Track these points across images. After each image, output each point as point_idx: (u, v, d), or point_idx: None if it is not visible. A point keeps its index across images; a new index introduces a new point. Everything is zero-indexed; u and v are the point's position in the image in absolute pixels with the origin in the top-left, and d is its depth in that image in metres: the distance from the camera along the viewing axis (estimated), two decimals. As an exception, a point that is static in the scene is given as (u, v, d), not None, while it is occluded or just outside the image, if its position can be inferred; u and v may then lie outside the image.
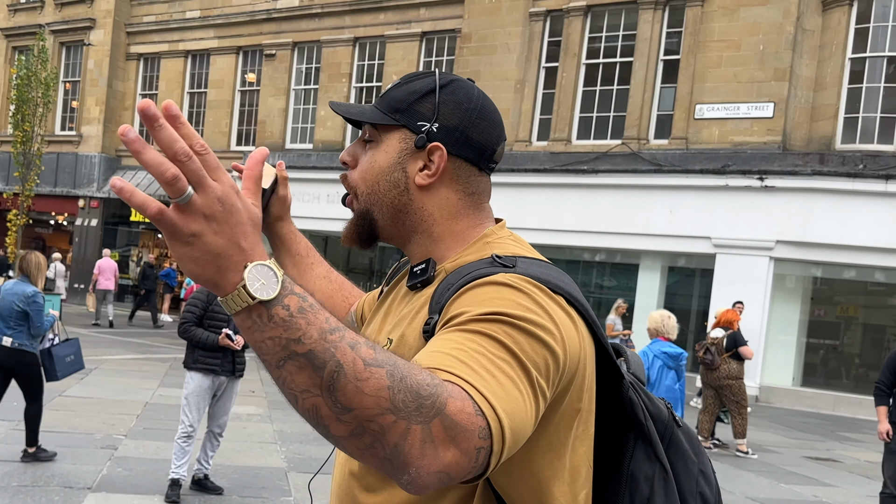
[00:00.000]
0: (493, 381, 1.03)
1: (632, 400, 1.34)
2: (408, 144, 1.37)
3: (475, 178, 1.39)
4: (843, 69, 15.74)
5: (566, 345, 1.15)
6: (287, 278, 0.97)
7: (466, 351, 1.06)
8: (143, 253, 26.30)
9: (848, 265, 15.79)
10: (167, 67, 25.52)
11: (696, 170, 16.31)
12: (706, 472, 1.43)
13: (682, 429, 1.42)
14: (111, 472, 6.85)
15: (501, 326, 1.10)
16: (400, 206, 1.38)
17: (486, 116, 1.38)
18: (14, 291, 6.81)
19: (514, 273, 1.21)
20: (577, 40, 18.14)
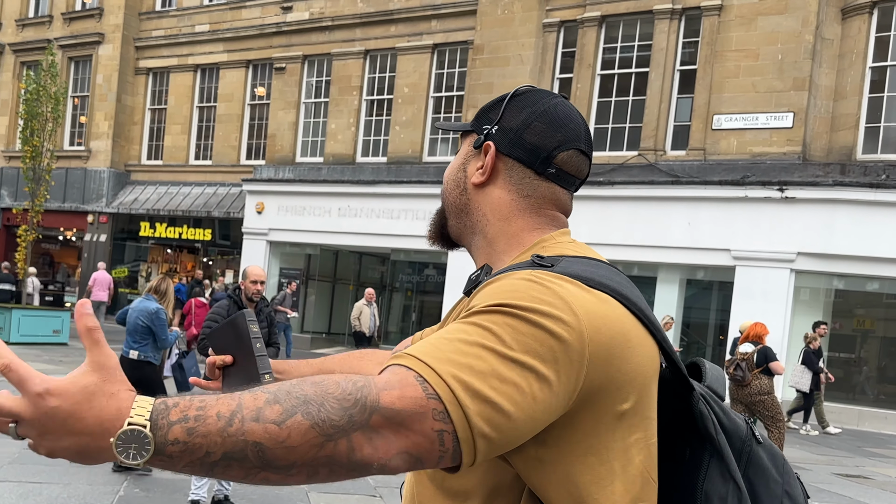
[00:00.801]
0: (465, 368, 1.03)
1: (701, 413, 1.27)
2: (471, 147, 1.41)
3: (531, 181, 1.36)
4: (864, 78, 15.51)
5: (586, 336, 1.10)
6: (156, 414, 0.93)
7: (450, 340, 1.07)
8: (152, 269, 26.13)
9: (871, 277, 15.51)
10: (176, 82, 25.42)
11: (715, 181, 16.07)
12: (793, 494, 1.32)
13: (763, 446, 1.33)
14: (128, 493, 6.66)
15: (500, 317, 1.09)
16: (461, 206, 1.41)
17: (549, 120, 1.36)
18: (139, 309, 7.39)
19: (549, 271, 1.18)
20: (591, 51, 17.95)
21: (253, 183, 22.19)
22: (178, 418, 0.94)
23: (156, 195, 25.15)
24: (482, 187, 1.37)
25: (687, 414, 1.28)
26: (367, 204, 20.37)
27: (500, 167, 1.36)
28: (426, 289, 21.37)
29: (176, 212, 24.32)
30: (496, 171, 1.36)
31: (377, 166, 20.76)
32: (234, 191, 23.41)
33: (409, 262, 21.42)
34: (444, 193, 1.45)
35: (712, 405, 1.29)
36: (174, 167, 25.26)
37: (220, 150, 24.33)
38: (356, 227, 20.55)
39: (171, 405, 0.95)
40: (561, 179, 1.37)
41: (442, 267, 19.96)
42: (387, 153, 20.96)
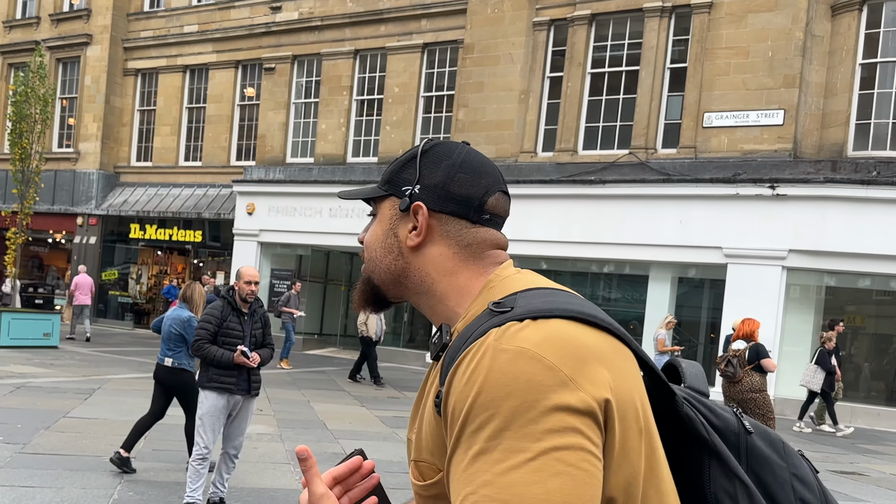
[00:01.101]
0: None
1: (689, 416, 1.25)
2: (396, 210, 1.38)
3: (468, 231, 1.34)
4: (854, 75, 15.55)
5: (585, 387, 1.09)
6: None
7: (473, 491, 1.07)
8: (142, 271, 26.01)
9: (862, 274, 15.54)
10: (165, 82, 25.30)
11: (706, 179, 16.08)
12: (801, 474, 1.31)
13: (757, 434, 1.31)
14: (122, 496, 6.58)
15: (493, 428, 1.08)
16: (398, 271, 1.38)
17: (469, 169, 1.35)
18: (172, 317, 7.56)
19: (510, 318, 1.16)
20: (581, 49, 17.94)
21: (243, 184, 22.12)
22: None
23: (145, 197, 25.04)
24: (419, 249, 1.35)
25: (674, 420, 1.26)
26: (358, 204, 20.27)
27: (434, 224, 1.34)
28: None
29: (166, 213, 24.20)
30: (431, 228, 1.34)
31: (368, 166, 20.70)
32: (225, 192, 23.32)
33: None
34: (373, 262, 1.40)
35: (698, 406, 1.28)
36: (164, 169, 25.15)
37: (210, 152, 24.23)
38: (347, 227, 20.46)
39: None
40: (493, 223, 1.36)
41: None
42: (377, 153, 20.91)
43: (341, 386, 14.95)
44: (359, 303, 1.47)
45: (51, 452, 7.43)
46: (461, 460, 1.10)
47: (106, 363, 15.47)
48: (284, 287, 21.02)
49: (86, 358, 16.14)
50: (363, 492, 1.32)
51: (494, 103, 18.83)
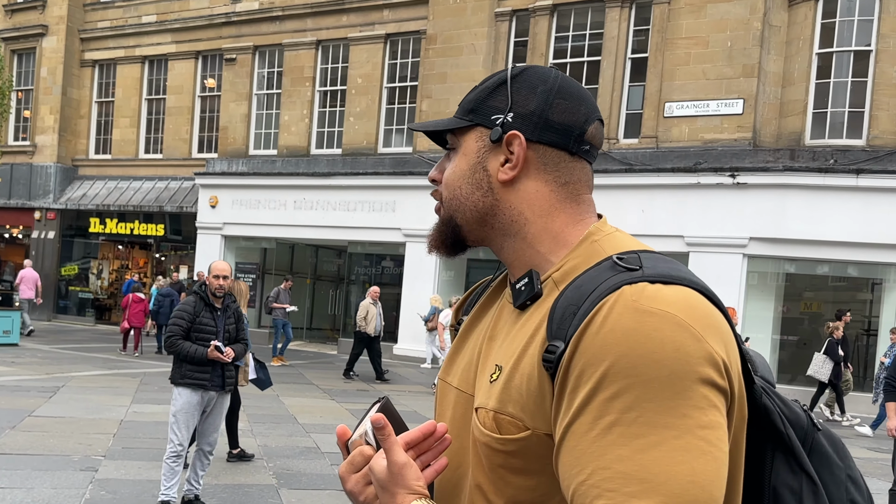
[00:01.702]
0: (648, 490, 0.97)
1: (766, 407, 1.19)
2: (485, 142, 1.27)
3: (567, 165, 1.26)
4: (811, 64, 15.80)
5: (717, 356, 1.03)
6: None
7: (608, 467, 1.00)
8: (103, 265, 25.67)
9: (820, 260, 15.84)
10: (123, 74, 24.95)
11: (668, 168, 16.28)
12: (855, 477, 1.27)
13: (822, 432, 1.27)
14: (94, 495, 6.53)
15: (633, 397, 1.01)
16: (486, 209, 1.27)
17: (567, 95, 1.26)
18: None
19: (642, 277, 1.08)
20: (543, 40, 18.03)
21: (206, 176, 21.92)
22: None
23: (105, 190, 24.71)
24: (512, 184, 1.26)
25: (750, 408, 1.19)
26: (323, 196, 20.25)
27: (531, 156, 1.25)
28: (384, 280, 21.27)
29: (126, 207, 23.92)
30: (527, 161, 1.25)
31: (332, 158, 20.63)
32: (187, 185, 23.10)
33: (366, 254, 21.34)
34: (456, 199, 1.30)
35: (773, 397, 1.23)
36: (123, 161, 24.82)
37: (171, 144, 23.96)
38: (312, 219, 20.42)
39: None
40: (591, 155, 1.28)
41: (399, 259, 19.94)
42: (341, 145, 20.83)
43: (309, 379, 14.95)
44: (435, 244, 1.36)
45: (18, 452, 7.36)
46: (589, 430, 1.03)
47: (68, 360, 15.30)
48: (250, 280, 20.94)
49: (48, 355, 15.94)
50: (436, 454, 1.23)
51: (458, 94, 18.83)
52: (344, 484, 1.23)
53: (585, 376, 1.04)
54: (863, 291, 16.67)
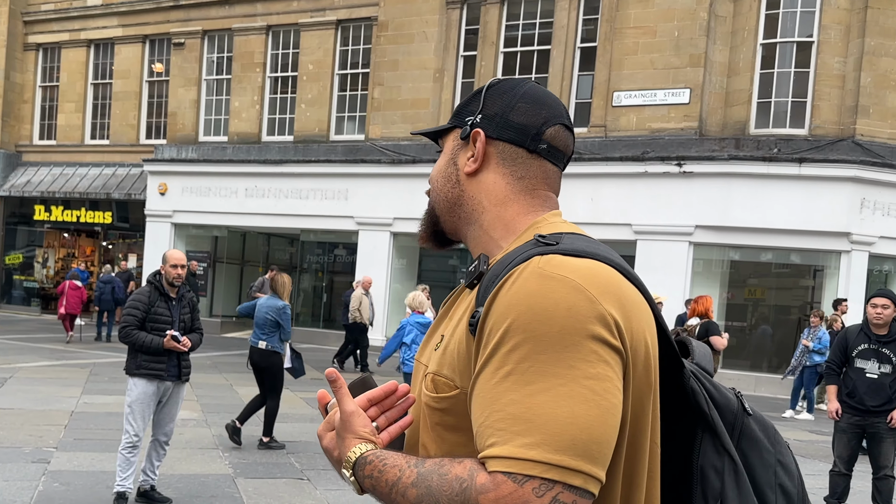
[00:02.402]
0: (533, 431, 1.09)
1: (693, 389, 1.31)
2: (458, 140, 1.45)
3: (525, 161, 1.39)
4: (756, 54, 16.10)
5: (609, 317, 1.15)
6: (358, 467, 1.26)
7: (501, 409, 1.12)
8: (48, 254, 25.21)
9: (764, 248, 16.21)
10: (68, 57, 24.45)
11: (616, 157, 16.50)
12: (785, 462, 1.38)
13: (754, 417, 1.38)
14: (48, 487, 6.47)
15: (528, 349, 1.13)
16: (454, 198, 1.44)
17: (530, 100, 1.40)
18: (268, 305, 8.53)
19: (555, 251, 1.21)
20: (494, 28, 18.10)
21: (154, 163, 21.64)
22: (366, 474, 1.25)
23: (50, 177, 24.25)
24: (475, 175, 1.41)
25: (679, 391, 1.32)
26: (275, 184, 20.13)
27: (492, 151, 1.40)
28: (336, 269, 21.28)
29: (72, 194, 23.50)
30: (488, 156, 1.40)
31: (284, 145, 20.50)
32: (135, 171, 22.78)
33: (319, 242, 21.28)
34: (434, 192, 1.47)
35: (703, 381, 1.34)
36: (69, 147, 24.36)
37: (118, 129, 23.58)
38: (264, 207, 20.29)
39: (367, 461, 1.25)
40: (551, 155, 1.40)
41: (352, 247, 19.93)
42: (293, 132, 20.70)
43: (261, 368, 14.88)
44: (422, 236, 1.53)
45: (-32, 447, 7.29)
46: (490, 378, 1.15)
47: (14, 351, 15.04)
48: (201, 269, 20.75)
49: (-9, 345, 15.67)
50: (400, 411, 1.38)
51: (410, 82, 18.87)
52: (321, 441, 1.37)
53: (493, 333, 1.17)
54: (805, 278, 17.12)
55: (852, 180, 15.01)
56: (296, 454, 8.19)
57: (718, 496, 1.29)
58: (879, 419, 6.65)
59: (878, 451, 6.74)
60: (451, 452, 1.26)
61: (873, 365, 6.72)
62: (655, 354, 1.24)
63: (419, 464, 1.20)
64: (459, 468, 1.14)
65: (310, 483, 7.08)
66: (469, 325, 1.25)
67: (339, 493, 6.70)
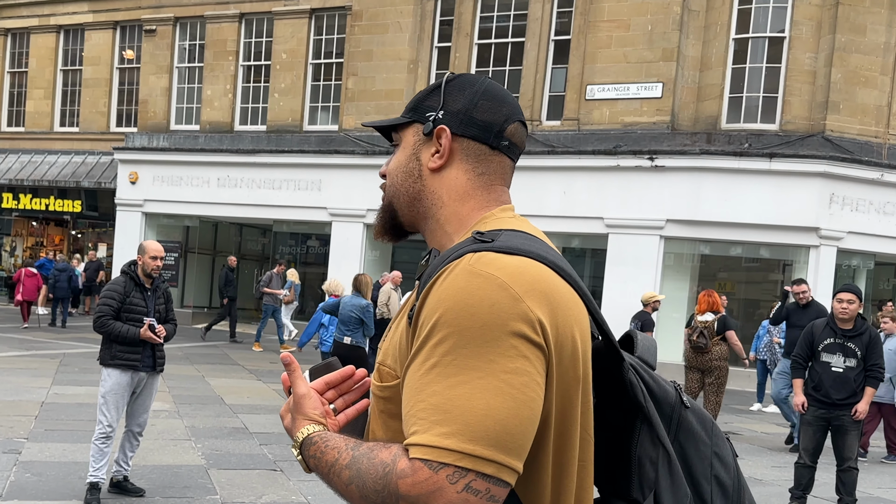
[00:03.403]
0: (450, 421, 1.14)
1: (631, 382, 1.35)
2: (420, 136, 1.46)
3: (486, 158, 1.44)
4: (728, 49, 16.20)
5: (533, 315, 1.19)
6: (304, 446, 1.35)
7: (423, 399, 1.18)
8: (16, 242, 24.88)
9: (734, 242, 16.36)
10: (38, 43, 24.09)
11: (589, 151, 16.55)
12: (722, 454, 1.42)
13: (691, 410, 1.41)
14: (20, 478, 6.46)
15: (451, 343, 1.18)
16: (414, 193, 1.46)
17: (491, 97, 1.45)
18: (352, 304, 9.25)
19: (488, 248, 1.25)
20: (468, 20, 18.07)
21: (125, 151, 21.41)
22: (311, 455, 1.32)
23: (18, 164, 23.92)
24: (439, 171, 1.44)
25: (618, 383, 1.36)
26: (247, 174, 20.00)
27: (456, 147, 1.43)
28: (309, 260, 21.23)
29: (41, 182, 23.18)
30: (452, 152, 1.43)
31: (256, 135, 20.37)
32: (105, 160, 22.53)
33: (292, 233, 21.20)
34: (393, 186, 1.49)
35: (641, 374, 1.37)
36: (37, 134, 24.04)
37: (88, 117, 23.30)
38: (236, 197, 20.14)
39: (312, 442, 1.33)
40: (511, 151, 1.46)
41: (325, 238, 19.86)
42: (266, 121, 20.56)
43: (235, 360, 14.87)
44: (378, 230, 1.56)
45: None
46: (417, 369, 1.20)
47: (-18, 341, 14.89)
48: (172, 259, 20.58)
49: (-41, 336, 15.48)
50: (358, 394, 1.47)
51: (384, 72, 18.80)
52: (283, 422, 1.44)
53: (424, 326, 1.22)
54: (774, 272, 17.31)
55: (822, 175, 15.16)
56: (269, 445, 8.19)
57: (653, 485, 1.32)
58: (844, 412, 6.79)
59: (842, 444, 6.87)
60: (394, 439, 1.30)
61: (839, 359, 6.85)
62: (586, 349, 1.28)
63: (356, 447, 1.26)
64: (385, 453, 1.19)
65: (283, 474, 7.10)
66: (408, 318, 1.30)
67: (312, 484, 6.72)
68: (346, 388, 1.46)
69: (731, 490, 1.40)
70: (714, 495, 1.38)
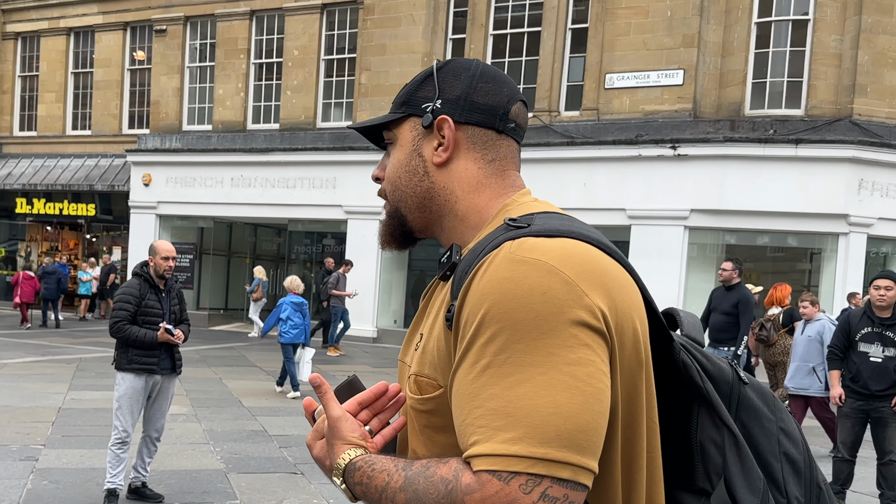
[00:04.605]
0: (516, 426, 1.04)
1: (685, 362, 1.26)
2: (419, 130, 1.36)
3: (494, 143, 1.35)
4: (750, 34, 15.82)
5: (590, 299, 1.09)
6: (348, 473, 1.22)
7: (480, 405, 1.08)
8: (31, 247, 24.75)
9: (760, 231, 15.98)
10: (48, 46, 23.96)
11: (609, 141, 16.21)
12: (788, 429, 1.32)
13: (750, 386, 1.32)
14: (37, 485, 6.34)
15: (504, 340, 1.08)
16: (423, 193, 1.35)
17: (489, 78, 1.35)
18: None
19: (526, 233, 1.16)
20: (483, 10, 17.76)
21: (138, 153, 21.24)
22: (357, 482, 1.20)
23: (31, 169, 23.79)
24: (445, 165, 1.34)
25: (671, 365, 1.26)
26: (261, 173, 19.77)
27: (461, 137, 1.33)
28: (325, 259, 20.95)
29: (55, 186, 23.05)
30: (457, 142, 1.33)
31: (269, 133, 20.13)
32: (118, 162, 22.36)
33: (307, 232, 20.95)
34: (398, 189, 1.37)
35: (694, 353, 1.28)
36: (50, 138, 23.90)
37: (100, 119, 23.14)
38: (250, 197, 19.93)
39: (357, 468, 1.21)
40: (516, 133, 1.37)
41: (341, 236, 19.60)
42: (279, 119, 20.31)
43: (252, 362, 14.65)
44: (385, 239, 1.44)
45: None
46: (468, 373, 1.10)
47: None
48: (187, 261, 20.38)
49: (-25, 343, 15.36)
50: (393, 412, 1.33)
51: (397, 66, 18.50)
52: (311, 451, 1.32)
53: (468, 325, 1.12)
54: (802, 261, 16.92)
55: (850, 161, 14.77)
56: (289, 448, 8.01)
57: (721, 471, 1.23)
58: (884, 403, 6.60)
59: (882, 436, 6.67)
60: (442, 455, 1.20)
61: (877, 349, 6.66)
62: (645, 331, 1.18)
63: (407, 467, 1.15)
64: (444, 469, 1.10)
65: (304, 477, 6.95)
66: (445, 320, 1.20)
67: (333, 487, 6.47)
68: (379, 407, 1.32)
69: (802, 466, 1.31)
70: (786, 473, 1.29)
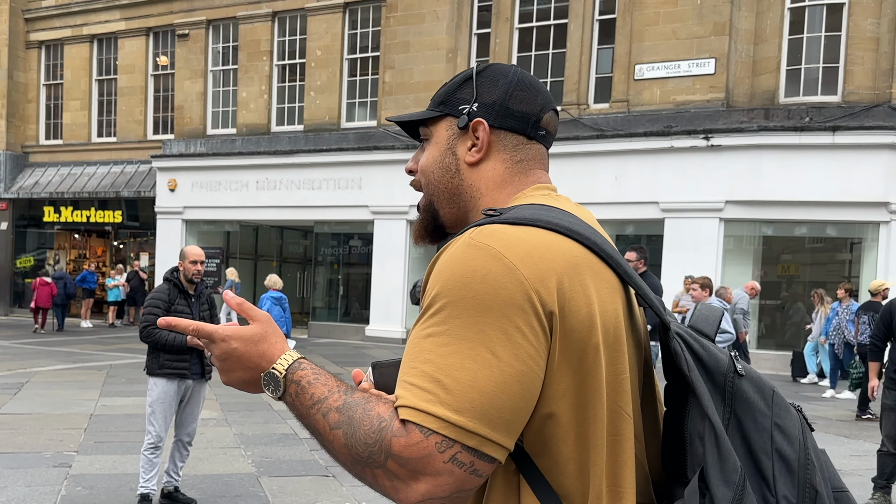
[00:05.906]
0: (441, 389, 1.13)
1: (675, 351, 1.26)
2: (454, 130, 1.42)
3: (524, 147, 1.41)
4: (783, 20, 15.43)
5: (529, 285, 1.16)
6: (290, 371, 1.25)
7: (416, 366, 1.17)
8: (59, 255, 24.79)
9: (798, 221, 15.57)
10: (71, 54, 23.99)
11: (640, 133, 15.87)
12: (784, 426, 1.27)
13: (747, 378, 1.28)
14: (71, 491, 6.29)
15: (446, 314, 1.17)
16: (453, 189, 1.42)
17: (525, 87, 1.41)
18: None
19: (492, 221, 1.24)
20: (508, 4, 17.49)
21: (163, 159, 21.19)
22: (296, 380, 1.23)
23: (58, 177, 23.83)
24: (477, 165, 1.40)
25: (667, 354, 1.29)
26: (286, 175, 19.62)
27: (493, 140, 1.39)
28: (352, 261, 20.79)
29: (81, 194, 23.06)
30: (489, 145, 1.39)
31: (294, 135, 19.97)
32: (144, 168, 22.32)
33: (333, 233, 20.75)
34: (431, 184, 1.45)
35: (689, 342, 1.27)
36: (76, 146, 23.93)
37: (125, 126, 23.12)
38: (276, 200, 19.81)
39: (301, 367, 1.25)
40: (546, 140, 1.44)
41: (368, 237, 19.38)
42: (303, 121, 20.16)
43: (279, 365, 14.45)
44: (419, 233, 1.51)
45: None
46: (415, 336, 1.20)
47: (30, 355, 14.73)
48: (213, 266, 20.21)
49: (8, 351, 15.38)
50: None
51: (422, 63, 18.27)
52: (229, 345, 1.31)
53: (426, 297, 1.21)
54: (842, 252, 16.47)
55: (889, 147, 14.34)
56: (319, 451, 7.67)
57: (700, 463, 1.23)
58: None
59: None
60: None
61: None
62: (615, 316, 1.23)
63: (349, 392, 1.21)
64: (383, 408, 1.17)
65: (335, 480, 6.83)
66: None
67: (365, 489, 6.23)
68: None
69: (796, 465, 1.26)
70: (777, 471, 1.24)
